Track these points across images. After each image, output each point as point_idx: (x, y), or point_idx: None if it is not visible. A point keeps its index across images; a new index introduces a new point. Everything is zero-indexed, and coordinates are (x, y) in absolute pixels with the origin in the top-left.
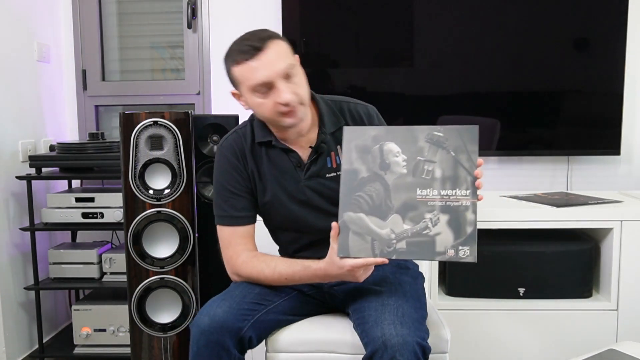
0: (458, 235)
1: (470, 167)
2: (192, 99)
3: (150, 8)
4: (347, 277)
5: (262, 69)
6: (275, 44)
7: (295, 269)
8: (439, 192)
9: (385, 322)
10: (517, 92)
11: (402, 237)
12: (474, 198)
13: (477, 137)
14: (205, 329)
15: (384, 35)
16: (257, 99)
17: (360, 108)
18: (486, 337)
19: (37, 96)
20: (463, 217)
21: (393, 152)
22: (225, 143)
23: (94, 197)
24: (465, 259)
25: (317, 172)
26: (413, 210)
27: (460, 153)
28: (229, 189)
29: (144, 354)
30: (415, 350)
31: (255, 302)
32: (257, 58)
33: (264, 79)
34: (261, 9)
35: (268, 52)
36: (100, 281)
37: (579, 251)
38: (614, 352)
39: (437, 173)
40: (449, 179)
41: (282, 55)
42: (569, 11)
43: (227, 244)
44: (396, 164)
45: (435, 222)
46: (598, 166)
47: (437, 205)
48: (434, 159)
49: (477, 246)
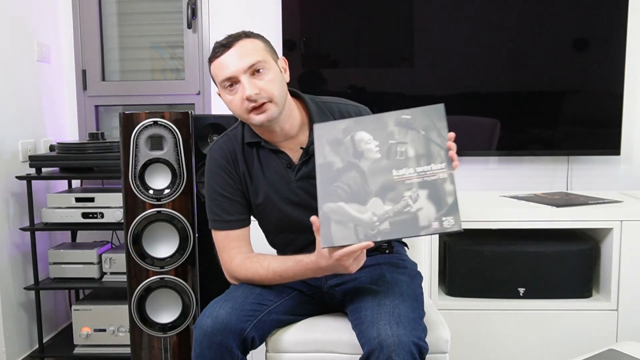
0: (440, 207)
1: (442, 142)
2: (192, 99)
3: (150, 8)
4: (338, 268)
5: (227, 65)
6: (245, 42)
7: (288, 265)
8: (415, 169)
9: (381, 322)
10: (517, 92)
11: (385, 218)
12: (450, 169)
13: (444, 114)
14: (208, 331)
15: (384, 35)
16: (227, 96)
17: (351, 109)
18: (486, 337)
19: (37, 96)
20: (442, 189)
21: (364, 140)
22: (215, 146)
23: (94, 197)
24: (450, 229)
25: (308, 172)
26: (391, 190)
27: (430, 130)
28: (220, 193)
29: (144, 354)
30: (412, 350)
31: (257, 303)
32: (223, 55)
33: (228, 74)
34: (261, 9)
35: (234, 49)
36: (100, 281)
37: (579, 251)
38: (614, 352)
39: (410, 152)
40: (422, 156)
41: (250, 52)
42: (569, 11)
43: (221, 248)
44: (369, 150)
45: (415, 198)
46: (598, 166)
47: (415, 182)
48: (405, 140)
49: (460, 215)
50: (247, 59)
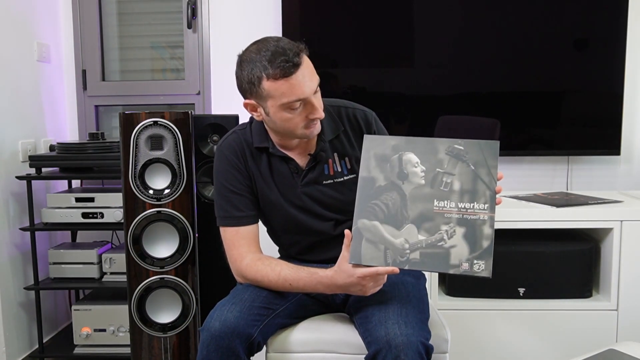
0: (474, 248)
1: (490, 181)
2: (192, 99)
3: (150, 8)
4: (353, 288)
5: (301, 86)
6: (305, 58)
7: (301, 275)
8: (457, 204)
9: (389, 321)
10: (517, 92)
11: (416, 248)
12: (492, 212)
13: (497, 152)
14: (216, 334)
15: (384, 36)
16: (286, 114)
17: (359, 113)
18: (486, 337)
19: (37, 96)
20: (480, 231)
21: (412, 163)
22: (224, 143)
23: (94, 197)
24: (479, 274)
25: (314, 179)
26: (429, 221)
27: (480, 167)
28: (229, 189)
29: (144, 354)
30: (419, 350)
31: (263, 307)
32: (296, 75)
33: (303, 96)
34: (261, 9)
35: (304, 68)
36: (100, 281)
37: (579, 251)
38: (614, 352)
39: (455, 186)
40: (467, 192)
41: (312, 68)
42: (569, 11)
43: (230, 245)
44: (414, 174)
45: (451, 234)
46: (598, 166)
47: (454, 217)
48: (453, 172)
49: (492, 261)
50: (314, 77)
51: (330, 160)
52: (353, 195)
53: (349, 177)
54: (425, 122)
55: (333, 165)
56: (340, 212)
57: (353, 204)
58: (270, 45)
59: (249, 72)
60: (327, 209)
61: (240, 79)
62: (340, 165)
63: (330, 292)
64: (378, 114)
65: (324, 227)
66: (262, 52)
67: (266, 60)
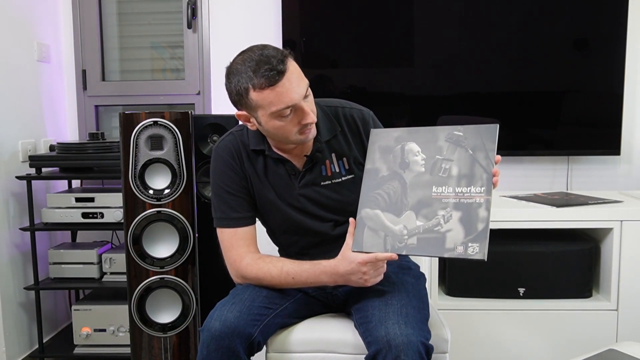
0: (469, 232)
1: (487, 164)
2: (192, 99)
3: (150, 8)
4: (354, 276)
5: (289, 93)
6: (292, 63)
7: (304, 267)
8: (454, 189)
9: (389, 321)
10: (517, 92)
11: (414, 233)
12: (489, 195)
13: (496, 135)
14: (216, 334)
15: (384, 36)
16: (278, 122)
17: (356, 113)
18: (486, 337)
19: (37, 96)
20: (475, 214)
21: (413, 152)
22: (221, 144)
23: (94, 197)
24: (474, 256)
25: (311, 180)
26: (427, 207)
27: (478, 151)
28: (226, 190)
29: (144, 354)
30: (420, 350)
31: (264, 306)
32: (282, 83)
33: (292, 103)
34: (261, 9)
35: (289, 74)
36: (100, 281)
37: (579, 251)
38: (614, 352)
39: (453, 171)
40: (464, 177)
41: (299, 73)
42: (569, 11)
43: (228, 247)
44: (415, 162)
45: (447, 218)
46: (598, 166)
47: (451, 202)
48: (451, 158)
49: (488, 244)
50: (302, 82)
51: (327, 161)
52: (352, 195)
53: (347, 177)
54: (425, 122)
55: (331, 166)
56: (339, 212)
57: (352, 204)
58: (254, 54)
59: (236, 84)
60: (325, 210)
61: (229, 91)
62: (338, 165)
63: (333, 282)
64: (378, 114)
65: (323, 228)
66: (247, 62)
67: (251, 70)
